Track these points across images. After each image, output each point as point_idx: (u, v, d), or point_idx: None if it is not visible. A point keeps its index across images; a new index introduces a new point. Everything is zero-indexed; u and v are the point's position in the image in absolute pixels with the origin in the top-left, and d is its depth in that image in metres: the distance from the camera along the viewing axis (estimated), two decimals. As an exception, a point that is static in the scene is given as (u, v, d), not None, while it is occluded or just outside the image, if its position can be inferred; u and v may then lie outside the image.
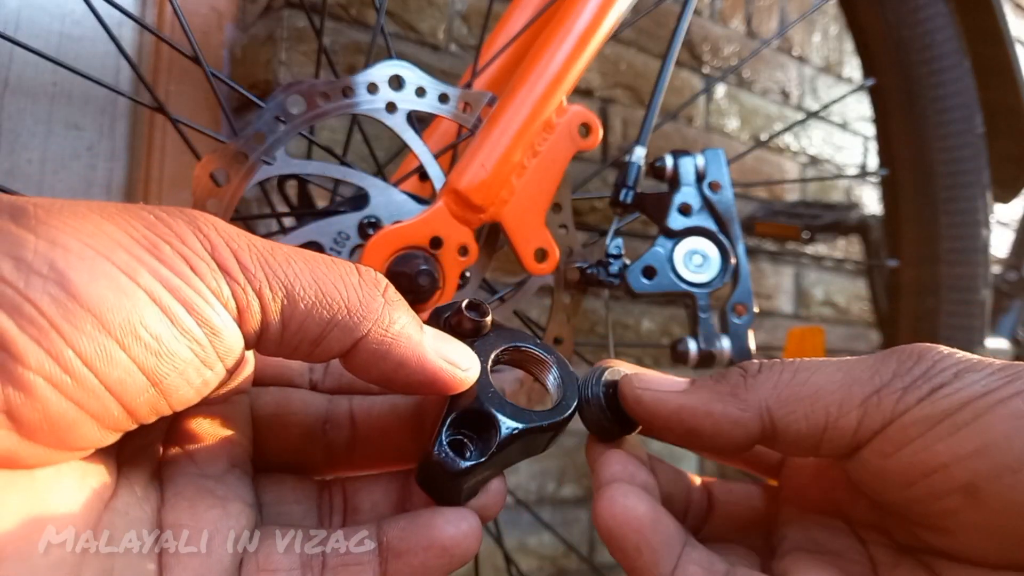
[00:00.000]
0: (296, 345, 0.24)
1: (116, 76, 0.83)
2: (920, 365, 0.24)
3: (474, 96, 0.45)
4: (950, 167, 0.76)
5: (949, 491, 0.23)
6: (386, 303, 0.25)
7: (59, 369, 0.18)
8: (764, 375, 0.26)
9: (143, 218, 0.21)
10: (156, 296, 0.20)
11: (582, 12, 0.46)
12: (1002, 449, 0.22)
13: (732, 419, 0.26)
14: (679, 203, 0.47)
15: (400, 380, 0.25)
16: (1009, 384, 0.23)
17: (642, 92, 1.11)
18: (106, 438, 0.21)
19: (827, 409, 0.25)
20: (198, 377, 0.21)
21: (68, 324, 0.19)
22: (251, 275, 0.22)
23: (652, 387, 0.27)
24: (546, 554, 0.98)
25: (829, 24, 1.42)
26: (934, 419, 0.23)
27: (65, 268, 0.19)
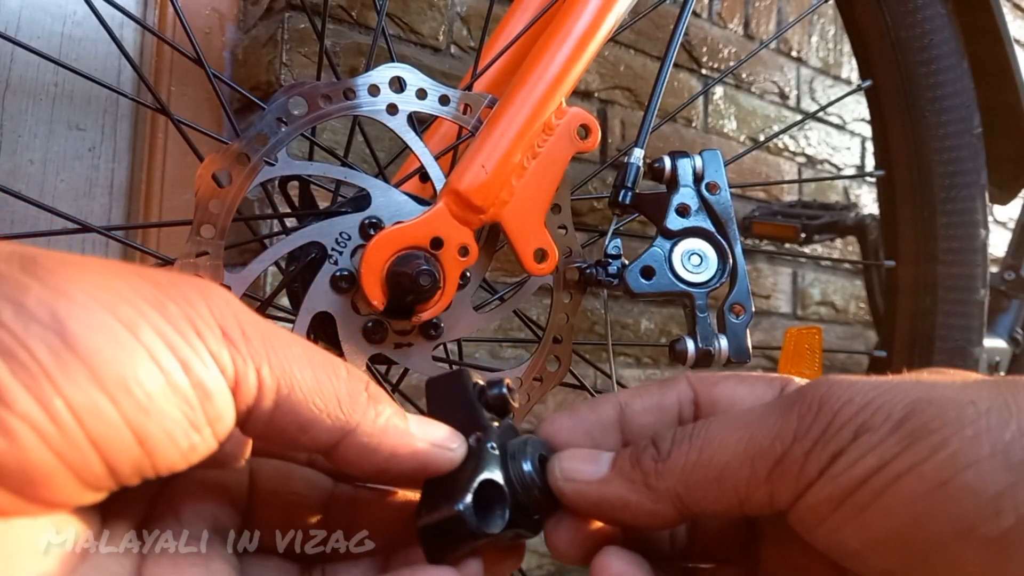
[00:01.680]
0: (283, 429, 0.23)
1: (118, 77, 0.84)
2: (819, 421, 0.23)
3: (474, 98, 0.45)
4: (948, 167, 0.77)
5: (870, 573, 0.23)
6: (370, 397, 0.25)
7: (46, 418, 0.18)
8: (673, 458, 0.26)
9: (155, 279, 0.21)
10: (154, 352, 0.20)
11: (581, 14, 0.46)
12: (907, 540, 0.21)
13: (647, 511, 0.26)
14: (677, 204, 0.47)
15: (392, 470, 0.25)
16: (904, 453, 0.21)
17: (641, 93, 1.12)
18: (84, 496, 0.20)
19: (735, 489, 0.24)
20: (185, 440, 0.21)
21: (61, 374, 0.18)
22: (253, 349, 0.22)
23: (573, 477, 0.27)
24: (546, 552, 0.98)
25: (827, 25, 1.43)
26: (836, 499, 0.22)
27: (65, 318, 0.19)
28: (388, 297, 0.41)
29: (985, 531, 0.20)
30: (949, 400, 0.21)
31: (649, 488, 0.26)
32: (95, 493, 0.21)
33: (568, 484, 0.27)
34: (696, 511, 0.26)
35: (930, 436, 0.21)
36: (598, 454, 0.28)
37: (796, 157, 1.36)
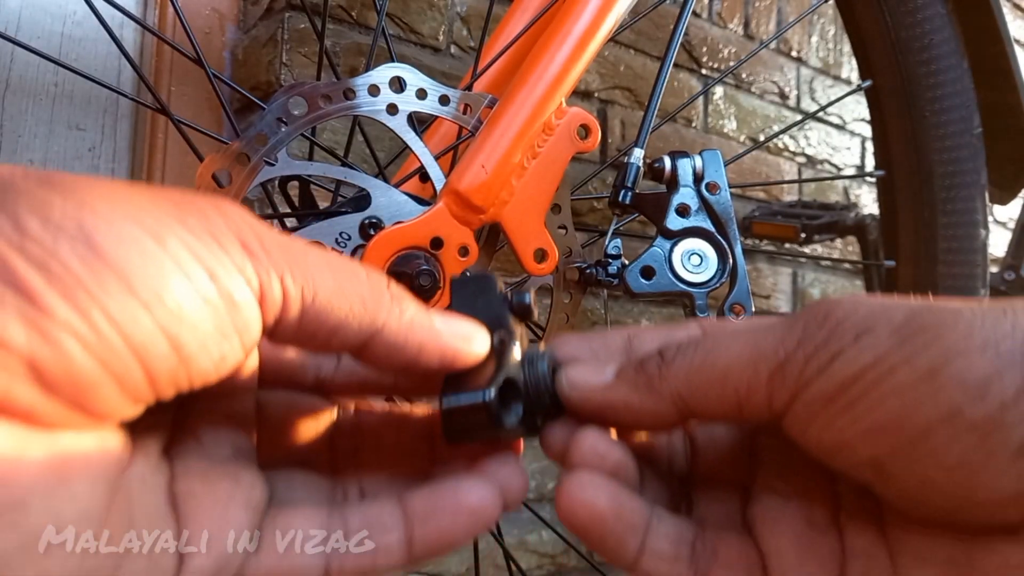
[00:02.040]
0: (313, 334, 0.24)
1: (118, 77, 0.84)
2: (824, 328, 0.24)
3: (474, 98, 0.45)
4: (948, 168, 0.77)
5: (859, 465, 0.23)
6: (392, 296, 0.25)
7: (86, 326, 0.19)
8: (678, 362, 0.26)
9: (169, 196, 0.22)
10: (181, 262, 0.20)
11: (581, 14, 0.46)
12: (894, 428, 0.22)
13: (649, 411, 0.27)
14: (677, 204, 0.47)
15: (421, 365, 0.26)
16: (898, 348, 0.22)
17: (641, 93, 1.12)
18: (125, 408, 0.21)
19: (736, 391, 0.25)
20: (217, 350, 0.22)
21: (95, 282, 0.19)
22: (274, 259, 0.23)
23: (579, 385, 0.28)
24: (546, 552, 0.98)
25: (827, 25, 1.43)
26: (831, 394, 0.23)
27: (92, 229, 0.19)
28: (388, 297, 0.41)
29: (970, 414, 0.20)
30: (948, 308, 0.22)
31: (652, 391, 0.27)
32: (135, 405, 0.21)
33: (574, 391, 0.28)
34: (696, 412, 0.26)
35: (924, 333, 0.22)
36: (603, 366, 0.28)
37: (796, 157, 1.36)
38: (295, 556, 0.24)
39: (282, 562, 0.24)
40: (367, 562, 0.25)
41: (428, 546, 0.25)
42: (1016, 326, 0.21)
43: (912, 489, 0.22)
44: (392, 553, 0.25)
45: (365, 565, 0.25)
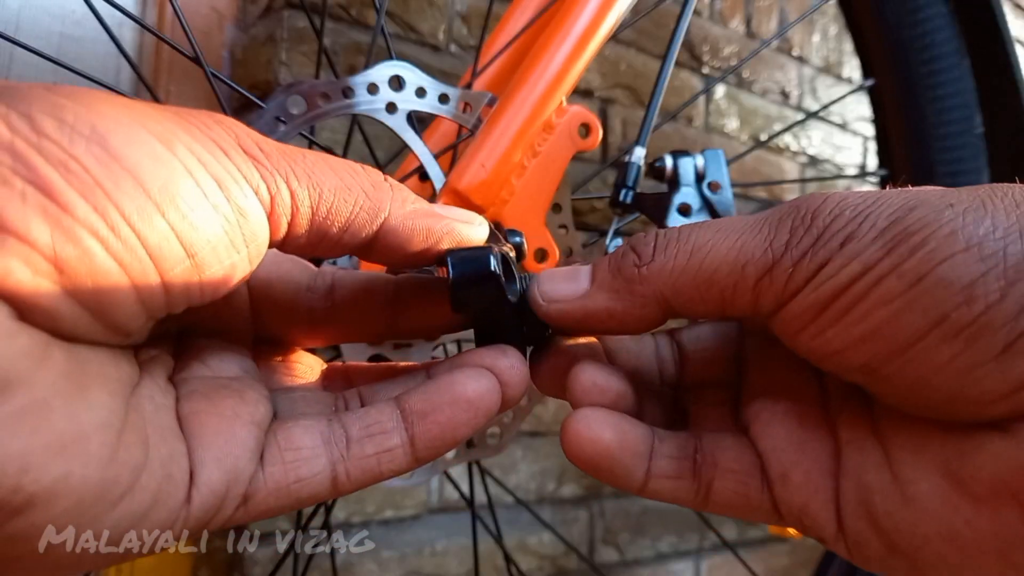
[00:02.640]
0: (325, 233, 0.24)
1: (117, 77, 0.84)
2: (811, 232, 0.24)
3: (474, 96, 0.45)
4: (949, 167, 0.76)
5: (850, 370, 0.24)
6: (392, 186, 0.26)
7: (104, 224, 0.18)
8: (658, 263, 0.26)
9: (170, 108, 0.22)
10: (190, 168, 0.20)
11: (582, 13, 0.46)
12: (884, 336, 0.22)
13: (633, 316, 0.26)
14: (679, 203, 0.47)
15: (432, 251, 0.26)
16: (886, 258, 0.22)
17: (642, 92, 1.11)
18: (139, 319, 0.21)
19: (722, 292, 0.25)
20: (228, 257, 0.22)
21: (111, 182, 0.19)
22: (277, 163, 0.23)
23: (555, 298, 0.28)
24: (546, 553, 0.98)
25: (828, 24, 1.43)
26: (820, 305, 0.23)
27: (105, 131, 0.19)
28: (387, 297, 0.41)
29: (957, 318, 0.21)
30: (929, 205, 0.22)
31: (633, 294, 0.26)
32: (148, 319, 0.21)
33: (552, 306, 0.28)
34: (679, 312, 0.26)
35: (910, 239, 0.22)
36: (575, 270, 0.28)
37: (798, 156, 1.35)
38: (301, 466, 0.24)
39: (289, 473, 0.24)
40: (372, 466, 0.25)
41: (430, 443, 0.25)
42: (996, 223, 0.21)
43: (904, 390, 0.23)
44: (396, 455, 0.25)
45: (371, 469, 0.25)
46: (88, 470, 0.19)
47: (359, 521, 0.82)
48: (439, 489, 0.89)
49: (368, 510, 0.83)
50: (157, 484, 0.20)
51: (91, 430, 0.19)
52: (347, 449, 0.25)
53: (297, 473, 0.24)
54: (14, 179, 0.18)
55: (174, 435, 0.22)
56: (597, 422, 0.26)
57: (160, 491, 0.21)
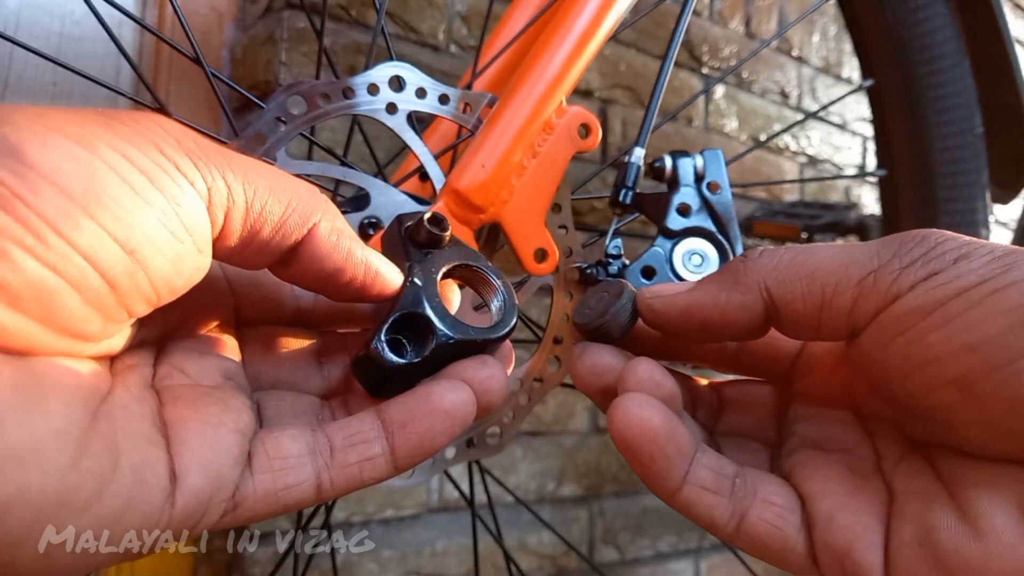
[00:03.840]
0: (259, 230, 0.24)
1: (116, 76, 0.84)
2: (920, 247, 0.24)
3: (474, 97, 0.45)
4: (949, 167, 0.76)
5: (943, 384, 0.23)
6: (325, 202, 0.26)
7: (30, 235, 0.19)
8: (764, 258, 0.27)
9: (106, 110, 0.22)
10: (113, 165, 0.20)
11: (582, 13, 0.46)
12: (995, 344, 0.22)
13: (736, 304, 0.27)
14: (678, 203, 0.47)
15: (348, 273, 0.26)
16: (1006, 273, 0.22)
17: (641, 93, 1.11)
18: (97, 321, 0.21)
19: (823, 288, 0.25)
20: (170, 249, 0.22)
21: (30, 193, 0.19)
22: (213, 158, 0.23)
23: (662, 293, 0.29)
24: (546, 553, 0.98)
25: (828, 24, 1.43)
26: (927, 308, 0.23)
27: (17, 141, 0.19)
28: (387, 297, 0.41)
29: None
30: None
31: (738, 283, 0.27)
32: (109, 321, 0.21)
33: (657, 300, 0.29)
34: (780, 306, 0.27)
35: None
36: (682, 282, 0.30)
37: (797, 157, 1.35)
38: (288, 474, 0.25)
39: (277, 481, 0.25)
40: (354, 474, 0.26)
41: (410, 452, 0.26)
42: None
43: (996, 413, 0.22)
44: (377, 463, 0.26)
45: (353, 477, 0.26)
46: (47, 479, 0.19)
47: (359, 521, 0.82)
48: (439, 489, 0.89)
49: (368, 510, 0.83)
50: (127, 490, 0.21)
51: (47, 440, 0.19)
52: (331, 458, 0.26)
53: (285, 481, 0.25)
54: None
55: (148, 441, 0.22)
56: (649, 406, 0.26)
57: (132, 496, 0.21)
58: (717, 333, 0.29)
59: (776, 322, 0.27)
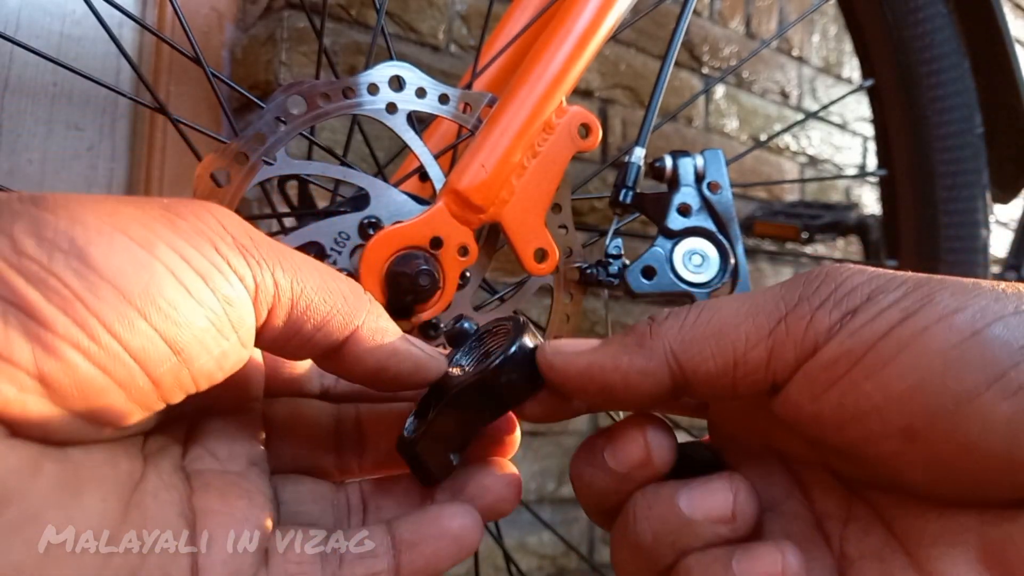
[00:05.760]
0: (300, 328, 0.25)
1: (116, 76, 0.84)
2: (827, 285, 0.23)
3: (474, 97, 0.45)
4: (949, 167, 0.76)
5: (886, 435, 0.22)
6: (369, 301, 0.27)
7: (85, 336, 0.19)
8: (670, 321, 0.26)
9: (160, 202, 0.23)
10: (172, 267, 0.21)
11: (582, 13, 0.46)
12: (936, 389, 0.21)
13: (639, 369, 0.25)
14: (678, 203, 0.47)
15: (392, 369, 0.27)
16: (929, 307, 0.21)
17: (642, 93, 1.11)
18: (136, 413, 0.22)
19: (733, 345, 0.24)
20: (216, 347, 0.22)
21: (90, 294, 0.20)
22: (265, 255, 0.24)
23: (562, 350, 0.27)
24: (546, 553, 0.98)
25: (828, 25, 1.43)
26: (856, 354, 0.22)
27: (84, 244, 0.20)
28: (387, 297, 0.41)
29: (1017, 377, 0.20)
30: (957, 279, 0.22)
31: (643, 347, 0.25)
32: (145, 411, 0.22)
33: (557, 356, 0.27)
34: (689, 373, 0.25)
35: (953, 296, 0.21)
36: (583, 340, 0.28)
37: (798, 157, 1.35)
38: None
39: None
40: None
41: (415, 572, 0.26)
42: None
43: (945, 458, 0.21)
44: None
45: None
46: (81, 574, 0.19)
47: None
48: (439, 489, 0.89)
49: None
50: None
51: (83, 536, 0.20)
52: (339, 568, 0.26)
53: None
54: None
55: (175, 533, 0.22)
56: None
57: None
58: (620, 399, 0.27)
59: (686, 387, 0.25)
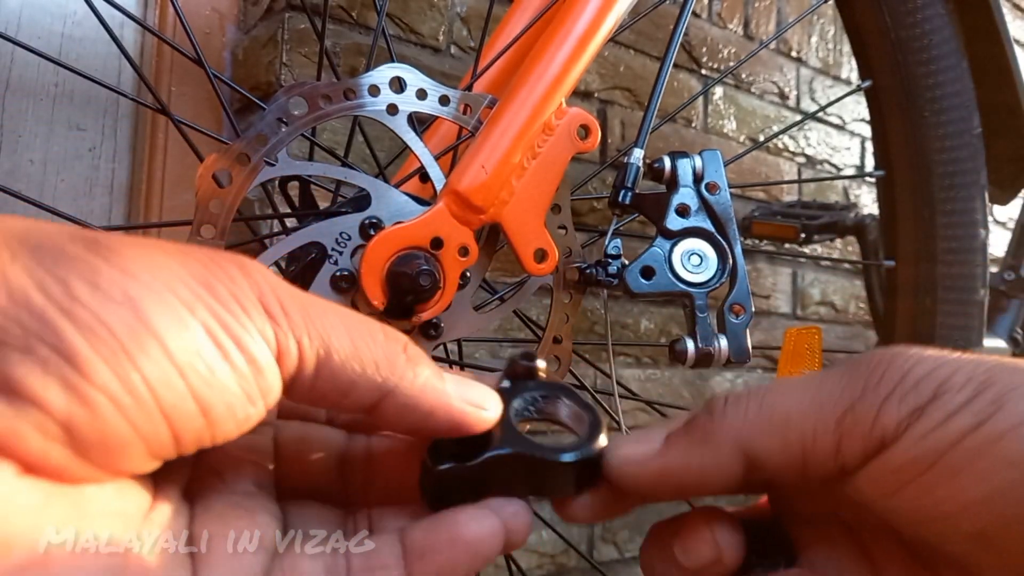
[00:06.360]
0: (325, 394, 0.24)
1: (118, 77, 0.84)
2: (890, 374, 0.23)
3: (474, 98, 0.45)
4: (948, 168, 0.76)
5: (959, 538, 0.22)
6: (408, 359, 0.26)
7: (123, 390, 0.19)
8: (731, 411, 0.25)
9: (200, 258, 0.22)
10: (210, 330, 0.21)
11: (581, 15, 0.46)
12: (1008, 500, 0.21)
13: (713, 467, 0.25)
14: (677, 204, 0.47)
15: (430, 427, 0.26)
16: (1000, 414, 0.21)
17: (641, 94, 1.12)
18: (147, 465, 0.22)
19: (802, 436, 0.24)
20: (242, 412, 0.22)
21: (137, 348, 0.20)
22: (292, 322, 0.23)
23: (631, 459, 0.27)
24: (546, 551, 0.98)
25: (827, 25, 1.43)
26: (928, 460, 0.22)
27: (136, 297, 0.20)
28: (388, 297, 0.41)
29: None
30: (1016, 369, 0.22)
31: (709, 443, 0.25)
32: (155, 461, 0.22)
33: (626, 464, 0.27)
34: (759, 462, 0.25)
35: (1019, 396, 0.21)
36: (646, 432, 0.27)
37: (796, 157, 1.36)
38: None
39: None
40: None
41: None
42: None
43: (1018, 563, 0.21)
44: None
45: None
46: None
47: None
48: (439, 488, 0.89)
49: (368, 509, 0.83)
50: None
51: (95, 574, 0.20)
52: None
53: None
54: (39, 346, 0.19)
55: (180, 564, 0.22)
56: None
57: None
58: (696, 493, 0.27)
59: (757, 474, 0.25)
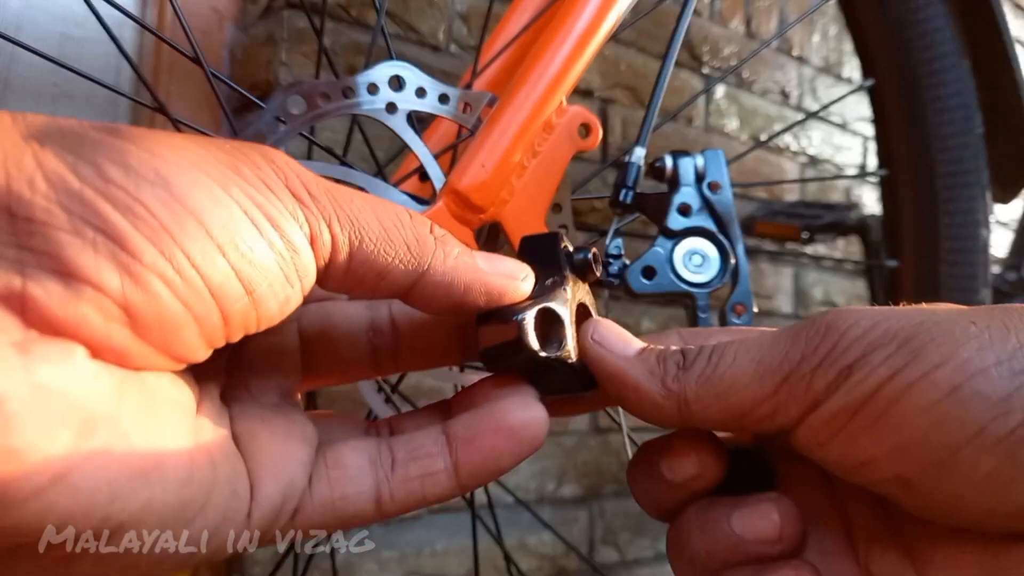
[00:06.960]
0: (361, 278, 0.24)
1: (117, 77, 0.84)
2: (826, 341, 0.24)
3: (474, 97, 0.45)
4: (949, 167, 0.76)
5: (884, 480, 0.24)
6: (437, 239, 0.26)
7: (171, 268, 0.19)
8: (693, 368, 0.27)
9: (221, 145, 0.22)
10: (246, 208, 0.21)
11: (582, 13, 0.46)
12: (921, 447, 0.22)
13: (652, 402, 0.27)
14: (678, 203, 0.47)
15: (468, 304, 0.26)
16: (914, 363, 0.22)
17: (642, 92, 1.11)
18: (201, 351, 0.22)
19: (741, 403, 0.25)
20: (282, 292, 0.22)
21: (176, 226, 0.19)
22: (322, 206, 0.23)
23: (603, 344, 0.28)
24: (546, 553, 0.98)
25: (828, 24, 1.43)
26: (850, 410, 0.23)
27: (168, 174, 0.20)
28: (387, 297, 0.41)
29: (995, 431, 0.21)
30: (951, 320, 0.23)
31: (663, 385, 0.27)
32: (207, 348, 0.22)
33: (595, 347, 0.28)
34: (698, 418, 0.26)
35: (938, 348, 0.22)
36: (630, 338, 0.28)
37: (798, 157, 1.35)
38: (346, 484, 0.25)
39: (335, 492, 0.25)
40: (416, 489, 0.26)
41: (473, 470, 0.26)
42: (1021, 343, 0.22)
43: (940, 503, 0.23)
44: (439, 479, 0.26)
45: (414, 492, 0.26)
46: (168, 495, 0.20)
47: (359, 521, 0.82)
48: (439, 489, 0.89)
49: (368, 510, 0.83)
50: (225, 502, 0.22)
51: (167, 456, 0.20)
52: (392, 471, 0.25)
53: (342, 491, 0.25)
54: (86, 229, 0.18)
55: (235, 454, 0.23)
56: None
57: (228, 508, 0.22)
58: (628, 409, 0.28)
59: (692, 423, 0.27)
